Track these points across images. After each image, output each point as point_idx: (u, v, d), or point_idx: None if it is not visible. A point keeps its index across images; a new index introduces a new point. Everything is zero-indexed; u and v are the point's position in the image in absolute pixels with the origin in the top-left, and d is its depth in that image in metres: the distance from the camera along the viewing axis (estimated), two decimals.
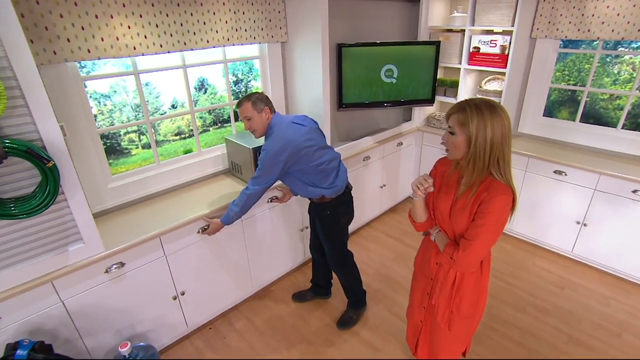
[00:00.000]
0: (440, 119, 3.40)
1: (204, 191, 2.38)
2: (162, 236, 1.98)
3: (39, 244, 1.61)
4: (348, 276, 2.32)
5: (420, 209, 1.48)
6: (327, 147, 2.05)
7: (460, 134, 1.25)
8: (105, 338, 1.95)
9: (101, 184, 2.09)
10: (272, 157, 1.86)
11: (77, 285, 1.76)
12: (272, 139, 1.90)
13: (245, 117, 1.95)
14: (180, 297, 2.18)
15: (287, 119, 1.98)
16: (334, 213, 2.10)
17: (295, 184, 2.05)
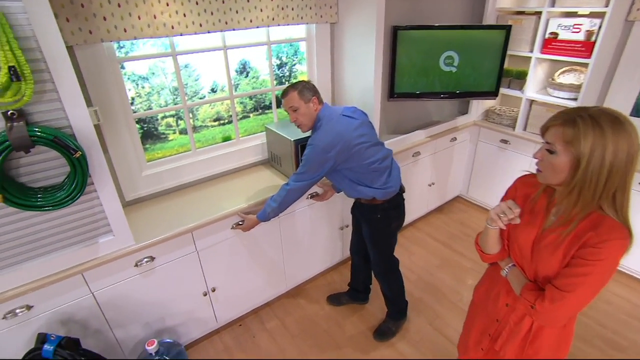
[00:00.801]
0: (501, 113, 3.03)
1: (240, 182, 2.25)
2: (194, 231, 1.87)
3: (69, 234, 1.54)
4: (392, 285, 2.12)
5: (494, 239, 1.22)
6: (379, 144, 1.83)
7: (565, 154, 0.97)
8: (134, 330, 1.89)
9: (135, 171, 2.00)
10: (320, 153, 1.66)
11: (107, 278, 1.70)
12: (320, 132, 1.70)
13: (291, 108, 1.76)
14: (211, 293, 2.09)
15: (337, 111, 1.77)
16: (385, 217, 1.89)
17: (343, 183, 1.85)
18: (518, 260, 1.21)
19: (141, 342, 1.94)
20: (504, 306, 1.28)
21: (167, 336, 2.04)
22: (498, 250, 1.26)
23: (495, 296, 1.31)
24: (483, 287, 1.41)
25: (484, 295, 1.39)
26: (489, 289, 1.36)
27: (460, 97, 2.69)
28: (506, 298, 1.27)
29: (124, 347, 1.89)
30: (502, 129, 2.97)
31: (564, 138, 0.97)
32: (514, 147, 2.92)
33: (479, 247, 1.32)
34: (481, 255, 1.33)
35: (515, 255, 1.22)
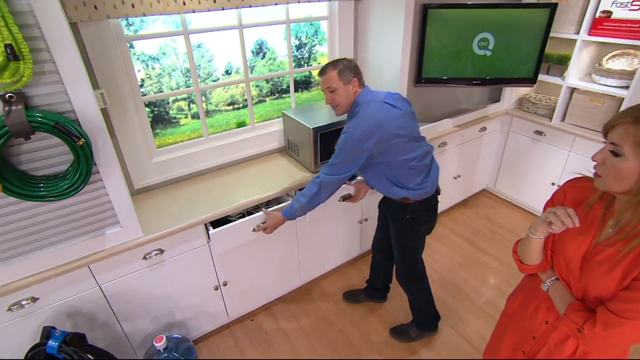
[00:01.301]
0: (536, 101, 2.82)
1: (255, 171, 2.15)
2: (207, 222, 1.80)
3: (73, 225, 1.48)
4: (416, 294, 2.01)
5: (537, 249, 1.09)
6: (420, 139, 1.69)
7: (634, 158, 0.84)
8: (142, 324, 1.85)
9: (144, 158, 1.92)
10: (356, 143, 1.53)
11: (114, 270, 1.64)
12: (357, 119, 1.56)
13: (328, 88, 1.63)
14: (222, 288, 2.03)
15: (378, 97, 1.62)
16: (415, 218, 1.76)
17: (378, 180, 1.72)
18: (563, 274, 1.09)
19: (150, 336, 1.90)
20: (543, 323, 1.16)
21: (176, 330, 2.00)
22: (540, 262, 1.14)
23: (533, 311, 1.19)
24: (519, 299, 1.29)
25: (520, 307, 1.27)
26: (526, 302, 1.24)
27: (493, 84, 2.51)
28: (546, 314, 1.15)
29: (132, 340, 1.85)
30: (537, 119, 2.77)
31: (634, 139, 0.83)
32: (549, 139, 2.73)
33: (518, 257, 1.20)
34: (519, 266, 1.20)
35: (560, 268, 1.09)
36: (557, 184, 2.73)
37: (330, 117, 2.07)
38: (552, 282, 1.11)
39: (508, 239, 2.81)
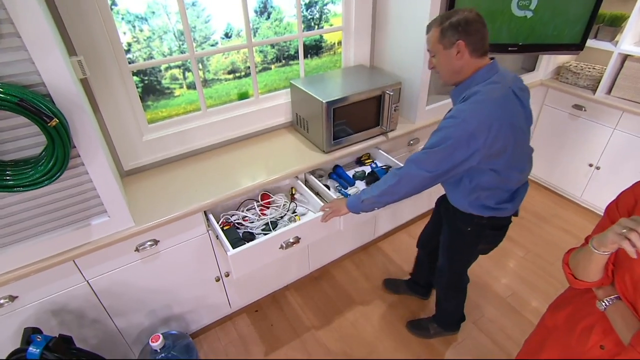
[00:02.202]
0: (578, 70, 2.57)
1: (259, 150, 1.98)
2: (207, 209, 1.65)
3: (53, 216, 1.33)
4: (450, 301, 1.89)
5: (598, 265, 0.94)
6: (530, 150, 1.42)
7: None
8: (137, 318, 1.75)
9: (134, 136, 1.75)
10: (466, 135, 1.21)
11: (103, 264, 1.52)
12: (471, 104, 1.23)
13: (429, 51, 1.36)
14: (224, 279, 1.91)
15: (506, 79, 1.30)
16: (477, 234, 1.53)
17: (454, 188, 1.46)
18: (627, 294, 0.94)
19: (145, 331, 1.81)
20: (597, 347, 1.02)
21: (175, 324, 1.90)
22: (599, 278, 0.99)
23: (584, 331, 1.05)
24: (564, 312, 1.16)
25: (565, 323, 1.14)
26: (574, 318, 1.11)
27: (531, 51, 2.26)
28: (601, 338, 1.01)
29: (126, 336, 1.76)
30: (578, 91, 2.53)
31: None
32: (590, 114, 2.51)
33: (569, 269, 1.05)
34: (570, 280, 1.06)
35: (624, 287, 0.94)
36: (596, 165, 2.54)
37: (346, 89, 1.86)
38: (612, 301, 0.96)
39: (536, 225, 2.66)
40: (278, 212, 1.72)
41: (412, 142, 2.22)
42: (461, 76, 1.32)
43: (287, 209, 1.74)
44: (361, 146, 1.98)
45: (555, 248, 2.48)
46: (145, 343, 1.80)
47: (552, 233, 2.60)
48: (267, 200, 1.79)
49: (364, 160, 2.07)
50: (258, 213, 1.71)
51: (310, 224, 1.59)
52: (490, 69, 1.29)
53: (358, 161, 2.11)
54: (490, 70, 1.29)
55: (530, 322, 2.05)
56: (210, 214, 1.68)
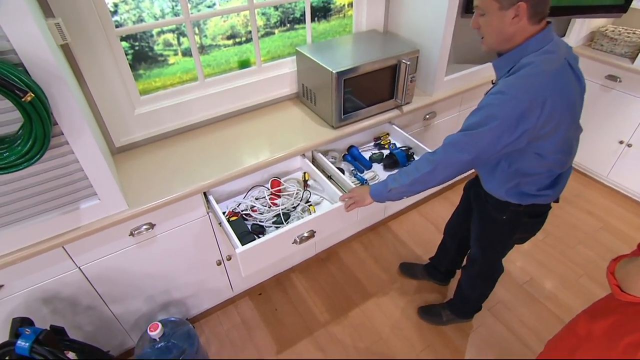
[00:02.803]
0: (615, 36, 2.37)
1: (261, 124, 1.86)
2: (207, 190, 1.57)
3: (37, 200, 1.24)
4: (476, 290, 1.80)
5: None
6: (579, 130, 1.27)
7: None
8: (134, 304, 1.70)
9: (125, 109, 1.63)
10: (514, 116, 1.08)
11: (95, 250, 1.44)
12: (523, 78, 1.09)
13: (477, 8, 1.17)
14: (226, 262, 1.85)
15: (560, 48, 1.15)
16: (513, 222, 1.42)
17: (490, 174, 1.35)
18: None
19: (143, 317, 1.76)
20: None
21: (174, 309, 1.86)
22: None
23: (630, 348, 0.98)
24: (604, 322, 1.07)
25: (605, 334, 1.06)
26: (616, 331, 1.03)
27: (564, 14, 2.08)
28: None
29: (123, 322, 1.72)
30: (614, 59, 2.36)
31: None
32: (626, 86, 2.34)
33: (616, 281, 0.96)
34: (616, 292, 0.97)
35: None
36: (627, 143, 2.41)
37: (358, 58, 1.72)
38: None
39: (557, 206, 2.54)
40: (290, 202, 1.62)
41: (428, 117, 2.09)
42: (510, 44, 1.15)
43: (301, 198, 1.64)
44: (373, 121, 1.86)
45: (577, 231, 2.40)
46: (143, 329, 1.77)
47: (575, 215, 2.50)
48: (277, 187, 1.68)
49: (383, 143, 1.95)
50: (268, 203, 1.61)
51: (326, 216, 1.49)
52: (545, 37, 1.12)
53: (376, 143, 1.98)
54: (544, 38, 1.12)
55: (549, 310, 1.99)
56: (211, 196, 1.59)
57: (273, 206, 1.60)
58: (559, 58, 1.12)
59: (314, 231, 1.50)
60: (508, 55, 1.17)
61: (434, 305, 1.99)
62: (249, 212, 1.58)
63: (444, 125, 2.24)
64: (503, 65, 1.20)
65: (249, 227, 1.53)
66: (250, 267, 1.43)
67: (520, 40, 1.13)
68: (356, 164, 1.82)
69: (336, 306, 2.05)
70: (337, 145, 1.87)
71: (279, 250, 1.47)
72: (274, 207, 1.60)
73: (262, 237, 1.39)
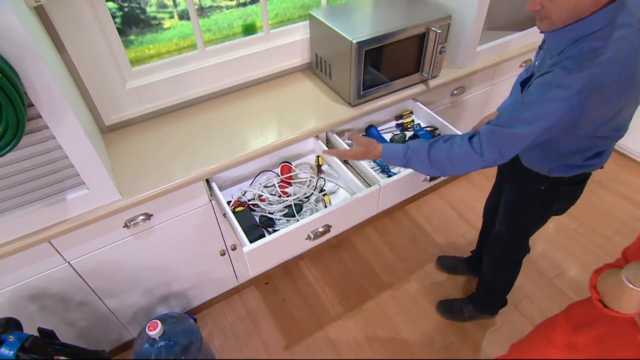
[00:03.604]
0: None
1: (269, 100, 1.71)
2: (210, 177, 1.45)
3: (14, 192, 1.12)
4: (499, 275, 1.70)
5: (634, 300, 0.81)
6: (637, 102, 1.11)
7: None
8: (131, 298, 1.62)
9: (115, 82, 1.48)
10: (574, 114, 0.95)
11: (86, 244, 1.34)
12: (592, 68, 0.92)
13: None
14: (231, 253, 1.75)
15: (634, 15, 0.99)
16: (552, 193, 1.31)
17: (532, 152, 1.25)
18: None
19: (142, 310, 1.69)
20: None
21: (175, 301, 1.79)
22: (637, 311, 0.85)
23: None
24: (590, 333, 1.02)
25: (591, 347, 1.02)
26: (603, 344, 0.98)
27: None
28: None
29: (120, 316, 1.64)
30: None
31: None
32: None
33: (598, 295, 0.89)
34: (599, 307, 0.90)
35: None
36: None
37: (382, 24, 1.54)
38: None
39: (592, 191, 2.41)
40: (302, 191, 1.49)
41: (456, 92, 1.92)
42: (576, 17, 0.98)
43: (314, 187, 1.51)
44: (395, 97, 1.70)
45: (614, 220, 2.27)
46: (142, 322, 1.72)
47: (611, 201, 2.37)
48: (287, 174, 1.55)
49: (406, 124, 1.79)
50: (278, 191, 1.49)
51: (344, 210, 1.37)
52: (618, 6, 0.94)
53: (398, 123, 1.82)
54: (617, 8, 0.94)
55: None
56: (214, 183, 1.47)
57: (283, 195, 1.47)
58: (632, 32, 0.96)
59: (329, 225, 1.39)
60: (568, 30, 0.99)
61: (455, 299, 1.90)
62: (256, 202, 1.46)
63: (474, 101, 2.07)
64: (561, 41, 1.01)
65: (256, 219, 1.42)
66: (259, 266, 1.33)
67: (588, 13, 0.95)
68: None
69: (349, 298, 1.98)
70: (355, 124, 1.72)
71: (290, 247, 1.36)
72: (285, 196, 1.47)
73: (273, 234, 1.27)
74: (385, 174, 1.56)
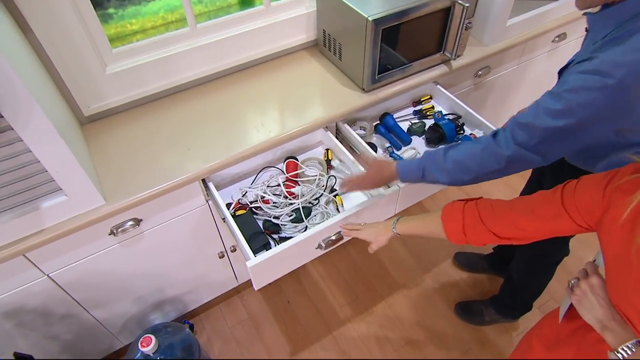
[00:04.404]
0: None
1: (269, 84, 1.57)
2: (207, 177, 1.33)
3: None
4: (528, 279, 1.61)
5: None
6: None
7: None
8: (122, 307, 1.53)
9: (93, 67, 1.33)
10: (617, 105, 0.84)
11: (66, 255, 1.23)
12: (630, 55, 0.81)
13: None
14: (230, 254, 1.65)
15: None
16: None
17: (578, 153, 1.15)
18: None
19: (133, 318, 1.61)
20: None
21: (170, 307, 1.70)
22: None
23: None
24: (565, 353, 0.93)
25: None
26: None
27: None
28: None
29: (110, 326, 1.56)
30: None
31: None
32: None
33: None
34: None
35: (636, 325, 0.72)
36: None
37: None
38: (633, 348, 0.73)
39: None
40: (311, 192, 1.37)
41: (480, 73, 1.78)
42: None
43: (324, 186, 1.39)
44: (414, 81, 1.56)
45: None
46: (134, 331, 1.66)
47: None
48: (294, 172, 1.42)
49: (425, 110, 1.64)
50: (284, 192, 1.36)
51: (359, 214, 1.25)
52: None
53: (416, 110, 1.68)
54: None
55: None
56: (211, 183, 1.34)
57: (290, 196, 1.35)
58: None
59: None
60: (614, 10, 0.88)
61: (475, 302, 1.83)
62: (259, 204, 1.34)
63: (499, 82, 1.92)
64: (603, 25, 0.91)
65: (259, 224, 1.30)
66: (265, 280, 1.23)
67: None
68: (392, 139, 1.54)
69: (358, 298, 1.90)
70: (368, 111, 1.59)
71: (299, 257, 1.26)
72: (291, 197, 1.35)
73: (280, 245, 1.16)
74: None
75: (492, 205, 0.92)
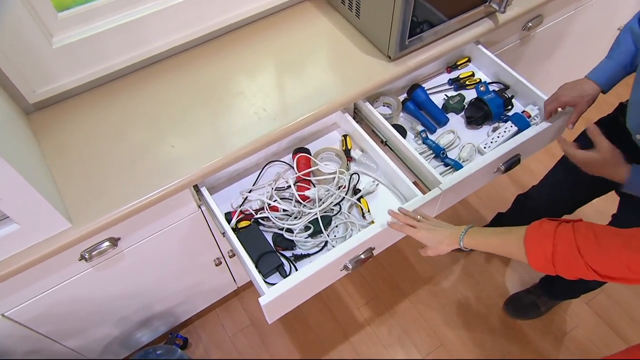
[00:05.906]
0: None
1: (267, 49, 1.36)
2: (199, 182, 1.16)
3: None
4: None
5: None
6: None
7: None
8: (101, 331, 1.44)
9: (35, 40, 1.09)
10: None
11: (25, 289, 1.08)
12: None
13: None
14: (228, 260, 1.52)
15: None
16: None
17: None
18: None
19: (116, 341, 1.53)
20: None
21: (158, 322, 1.61)
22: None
23: None
24: None
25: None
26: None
27: None
28: None
29: (87, 352, 1.47)
30: None
31: None
32: None
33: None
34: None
35: None
36: None
37: None
38: None
39: None
40: (330, 196, 1.18)
41: (530, 25, 1.56)
42: None
43: (346, 188, 1.21)
44: (451, 44, 1.35)
45: None
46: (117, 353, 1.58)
47: None
48: (306, 170, 1.24)
49: (463, 79, 1.44)
50: (296, 196, 1.18)
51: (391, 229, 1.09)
52: None
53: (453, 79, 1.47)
54: None
55: None
56: (204, 188, 1.17)
57: (303, 200, 1.19)
58: None
59: (372, 248, 1.13)
60: None
61: (521, 294, 1.76)
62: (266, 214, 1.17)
63: (547, 35, 1.72)
64: None
65: (269, 239, 1.15)
66: (279, 312, 1.11)
67: None
68: (424, 118, 1.35)
69: (378, 297, 1.82)
70: (394, 83, 1.38)
71: (320, 283, 1.13)
72: (304, 201, 1.18)
73: (298, 273, 1.01)
74: (441, 162, 1.28)
75: (596, 234, 0.78)
